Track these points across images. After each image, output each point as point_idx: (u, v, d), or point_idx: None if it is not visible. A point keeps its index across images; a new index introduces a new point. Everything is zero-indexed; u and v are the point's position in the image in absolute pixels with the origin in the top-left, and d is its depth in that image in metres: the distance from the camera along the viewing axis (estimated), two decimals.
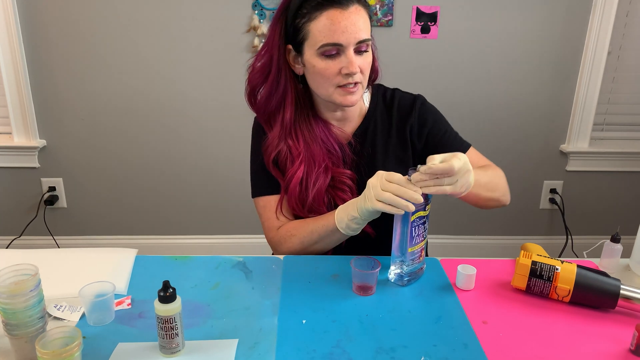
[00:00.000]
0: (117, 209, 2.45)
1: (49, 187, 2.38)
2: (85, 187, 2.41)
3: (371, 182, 0.97)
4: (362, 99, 1.19)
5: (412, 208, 0.93)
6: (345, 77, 1.05)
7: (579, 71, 2.29)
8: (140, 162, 2.38)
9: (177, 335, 0.81)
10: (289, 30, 1.08)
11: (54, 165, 2.37)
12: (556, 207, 2.49)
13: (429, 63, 2.26)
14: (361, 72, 1.06)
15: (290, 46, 1.09)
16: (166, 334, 0.80)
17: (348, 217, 1.03)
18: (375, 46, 1.13)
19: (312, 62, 1.06)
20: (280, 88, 1.11)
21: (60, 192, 2.40)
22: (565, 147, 2.40)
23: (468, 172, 0.93)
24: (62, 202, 2.42)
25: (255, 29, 2.17)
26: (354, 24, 1.02)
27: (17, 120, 2.25)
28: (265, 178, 1.18)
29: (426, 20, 2.20)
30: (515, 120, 2.36)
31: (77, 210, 2.44)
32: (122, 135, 2.33)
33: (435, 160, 0.91)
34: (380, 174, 0.97)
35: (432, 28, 2.21)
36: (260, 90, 1.15)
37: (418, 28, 2.21)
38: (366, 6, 1.06)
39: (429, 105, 1.21)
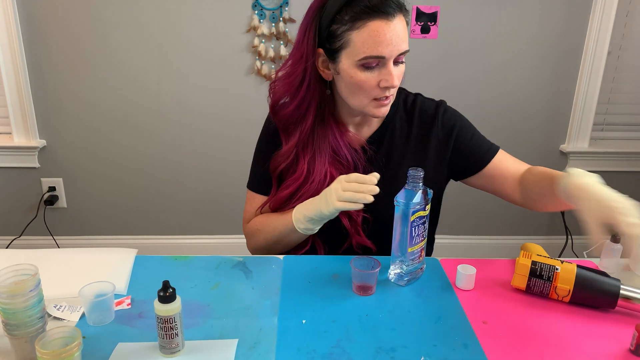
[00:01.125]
0: (117, 209, 2.45)
1: (49, 187, 2.38)
2: (85, 187, 2.41)
3: (332, 186, 0.99)
4: None
5: (371, 199, 0.95)
6: (383, 90, 1.01)
7: (579, 71, 2.29)
8: (140, 162, 2.38)
9: (177, 335, 0.81)
10: (322, 34, 1.01)
11: (54, 165, 2.37)
12: None
13: (429, 63, 2.26)
14: None
15: (321, 50, 1.03)
16: (166, 334, 0.80)
17: (305, 218, 1.04)
18: None
19: (349, 72, 1.00)
20: (308, 96, 1.06)
21: (60, 192, 2.40)
22: (565, 147, 2.40)
23: None
24: (62, 202, 2.42)
25: (255, 29, 2.17)
26: (397, 35, 0.97)
27: (17, 120, 2.25)
28: (261, 177, 1.18)
29: (426, 20, 2.20)
30: (515, 120, 2.36)
31: (77, 210, 2.44)
32: (122, 135, 2.33)
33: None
34: (340, 178, 0.99)
35: (432, 28, 2.21)
36: (286, 99, 1.10)
37: (418, 28, 2.21)
38: (407, 14, 1.00)
39: (452, 111, 1.17)
